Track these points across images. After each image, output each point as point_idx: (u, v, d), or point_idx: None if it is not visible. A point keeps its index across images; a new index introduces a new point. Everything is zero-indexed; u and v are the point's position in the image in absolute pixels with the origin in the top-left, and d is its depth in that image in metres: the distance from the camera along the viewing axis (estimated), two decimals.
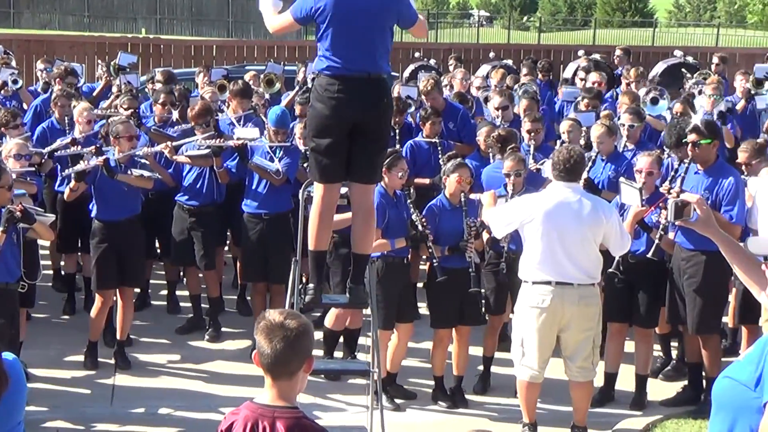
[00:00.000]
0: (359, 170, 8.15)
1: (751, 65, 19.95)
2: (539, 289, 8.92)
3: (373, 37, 7.98)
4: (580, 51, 24.95)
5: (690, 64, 22.59)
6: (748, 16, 79.52)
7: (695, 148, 9.84)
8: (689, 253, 9.72)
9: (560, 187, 8.95)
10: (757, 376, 4.53)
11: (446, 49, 27.83)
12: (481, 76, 19.61)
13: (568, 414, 9.52)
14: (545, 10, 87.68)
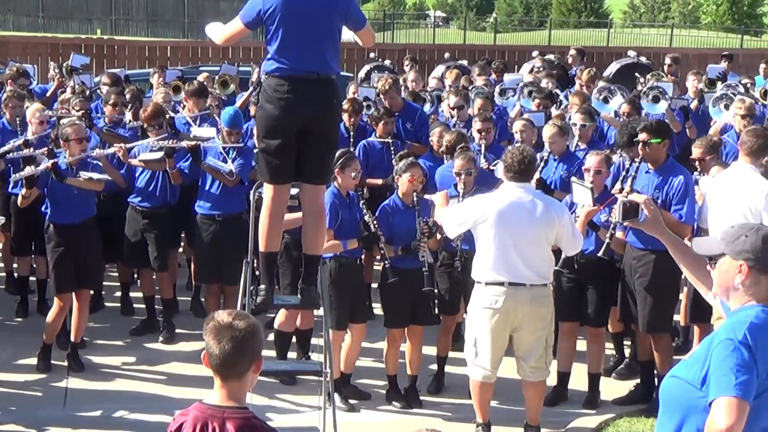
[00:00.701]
0: (309, 171, 8.17)
1: (704, 66, 20.17)
2: (492, 290, 8.94)
3: (322, 37, 8.00)
4: (535, 51, 25.06)
5: (643, 64, 22.71)
6: (702, 17, 79.98)
7: (646, 147, 9.90)
8: (640, 252, 9.79)
9: (513, 187, 8.97)
10: (703, 375, 4.57)
11: (401, 49, 27.95)
12: (436, 77, 19.66)
13: (521, 413, 9.55)
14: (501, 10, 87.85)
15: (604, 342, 10.57)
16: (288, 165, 8.09)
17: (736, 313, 4.73)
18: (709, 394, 4.51)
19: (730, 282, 4.78)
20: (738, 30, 57.06)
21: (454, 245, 10.27)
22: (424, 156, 12.25)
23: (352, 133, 13.21)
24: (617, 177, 10.37)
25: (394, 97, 13.83)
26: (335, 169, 9.99)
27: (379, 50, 26.53)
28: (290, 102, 7.91)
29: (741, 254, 4.74)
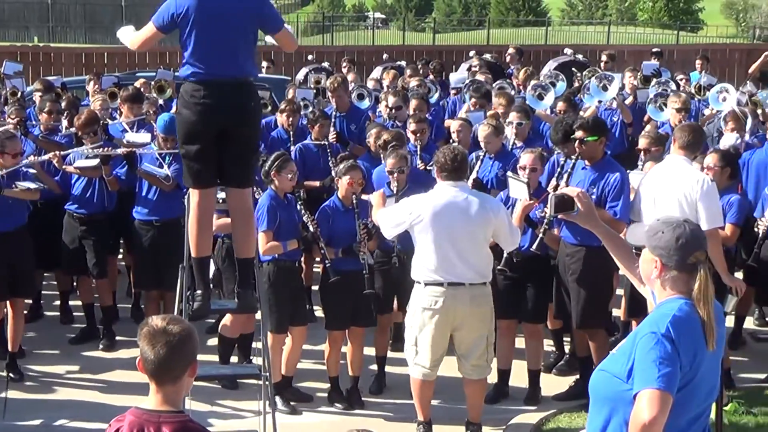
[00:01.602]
0: (231, 175, 8.18)
1: (640, 62, 20.34)
2: (431, 291, 8.95)
3: (236, 41, 8.00)
4: (472, 51, 25.15)
5: (580, 61, 22.88)
6: (639, 14, 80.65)
7: (582, 144, 9.97)
8: (573, 248, 9.84)
9: (447, 186, 8.99)
10: (629, 368, 4.63)
11: (339, 51, 27.94)
12: (374, 78, 19.70)
13: (462, 411, 9.57)
14: (440, 11, 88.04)
15: (543, 338, 10.64)
16: (210, 169, 8.10)
17: (660, 307, 4.80)
18: (634, 386, 4.56)
19: (650, 274, 4.86)
20: (674, 26, 57.63)
21: (391, 244, 10.27)
22: (361, 157, 12.27)
23: (292, 134, 13.22)
24: (552, 174, 10.43)
25: (342, 96, 13.89)
26: (271, 172, 10.01)
27: (317, 53, 26.58)
28: (207, 107, 7.91)
29: (656, 250, 4.83)
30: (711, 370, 4.79)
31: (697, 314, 4.69)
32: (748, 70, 21.90)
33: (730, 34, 62.38)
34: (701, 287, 4.72)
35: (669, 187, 9.31)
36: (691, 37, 57.66)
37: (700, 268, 4.77)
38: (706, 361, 4.71)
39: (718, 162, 10.34)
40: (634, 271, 5.26)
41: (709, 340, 4.68)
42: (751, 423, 9.52)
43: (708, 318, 4.68)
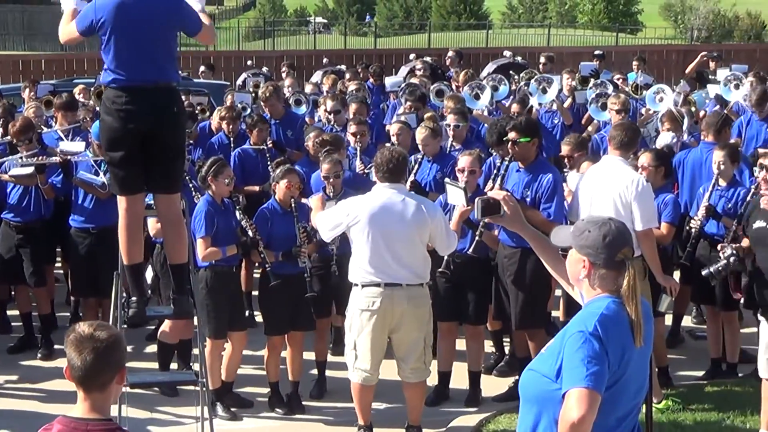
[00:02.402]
0: (157, 180, 8.15)
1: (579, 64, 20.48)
2: (368, 292, 8.96)
3: (156, 46, 7.96)
4: (412, 54, 25.23)
5: (519, 63, 23.01)
6: (579, 16, 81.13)
7: (515, 146, 10.00)
8: (511, 250, 9.86)
9: (384, 188, 9.01)
10: (557, 367, 4.65)
11: (279, 56, 27.89)
12: (312, 82, 19.71)
13: (403, 414, 9.59)
14: (382, 15, 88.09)
15: (483, 340, 10.66)
16: (135, 176, 8.06)
17: (588, 305, 4.83)
18: (563, 385, 4.58)
19: (578, 274, 4.87)
20: (613, 28, 58.00)
21: (330, 249, 10.27)
22: (300, 161, 12.27)
23: (232, 139, 13.21)
24: (489, 176, 10.46)
25: (275, 104, 13.87)
26: (208, 177, 9.98)
27: (257, 57, 26.57)
28: (129, 113, 7.87)
29: (583, 249, 4.85)
30: (639, 368, 4.81)
31: (625, 312, 4.72)
32: (684, 71, 22.12)
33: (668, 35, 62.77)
34: (629, 284, 4.75)
35: (604, 187, 9.38)
36: (630, 39, 58.08)
37: (627, 264, 4.79)
38: (635, 359, 4.73)
39: (652, 162, 10.40)
40: (562, 273, 5.27)
41: (637, 337, 4.70)
42: (689, 420, 9.58)
43: (636, 315, 4.71)
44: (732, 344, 10.85)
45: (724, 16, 75.92)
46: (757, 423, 9.38)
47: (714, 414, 9.67)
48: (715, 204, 10.58)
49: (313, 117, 15.62)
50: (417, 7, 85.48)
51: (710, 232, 10.64)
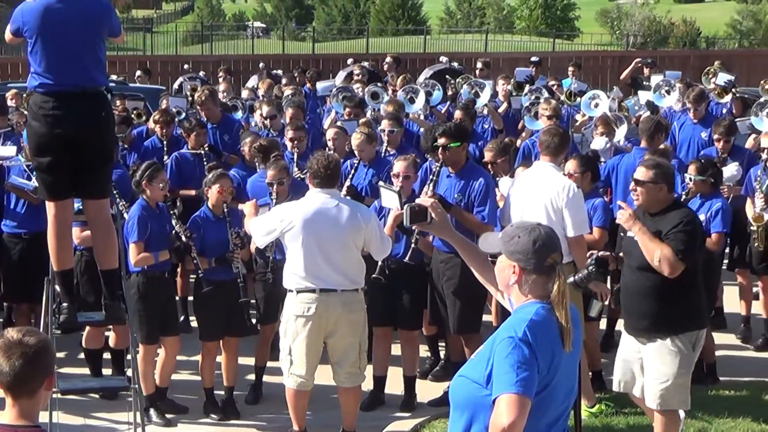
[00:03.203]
0: (86, 186, 8.11)
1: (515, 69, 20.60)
2: (303, 297, 8.96)
3: (83, 50, 7.92)
4: (350, 59, 25.28)
5: (455, 69, 23.09)
6: (517, 22, 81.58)
7: (445, 151, 10.04)
8: (447, 255, 9.88)
9: (318, 194, 9.01)
10: (488, 373, 4.66)
11: (216, 61, 27.84)
12: (248, 87, 19.68)
13: (338, 419, 9.57)
14: (320, 20, 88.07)
15: (418, 345, 10.68)
16: (63, 181, 8.02)
17: (517, 311, 4.84)
18: (492, 391, 4.60)
19: (507, 280, 4.89)
20: (551, 34, 58.31)
21: (268, 255, 10.25)
22: (236, 165, 12.25)
23: (165, 143, 13.15)
24: (425, 181, 10.48)
25: (211, 108, 13.83)
26: (143, 182, 9.93)
27: (194, 62, 26.49)
28: (56, 118, 7.83)
29: (513, 254, 4.86)
30: (568, 372, 4.84)
31: (554, 317, 4.74)
32: (619, 77, 22.31)
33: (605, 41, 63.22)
34: (559, 289, 4.77)
35: (536, 193, 9.45)
36: (567, 45, 58.49)
37: (557, 270, 4.82)
38: (564, 364, 4.76)
39: (578, 168, 10.45)
40: (491, 279, 5.28)
41: (566, 342, 4.73)
42: (622, 424, 9.66)
43: (565, 320, 4.73)
44: None
45: (660, 23, 76.58)
46: (689, 426, 9.47)
47: (646, 418, 9.71)
48: None
49: (249, 122, 15.59)
50: (356, 12, 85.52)
51: None
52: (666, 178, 8.27)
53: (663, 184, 8.23)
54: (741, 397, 10.38)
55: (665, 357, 8.17)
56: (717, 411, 9.82)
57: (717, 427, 9.51)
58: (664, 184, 8.25)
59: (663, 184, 8.23)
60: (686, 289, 8.16)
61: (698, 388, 10.45)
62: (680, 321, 8.20)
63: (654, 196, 8.23)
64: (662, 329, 8.20)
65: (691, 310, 8.25)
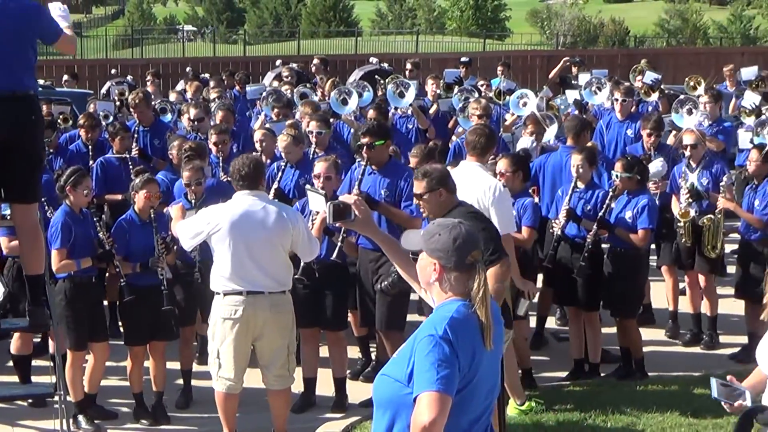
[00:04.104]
0: (13, 190, 7.98)
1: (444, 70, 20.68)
2: (231, 300, 8.92)
3: (12, 54, 7.77)
4: (278, 61, 25.25)
5: (385, 70, 23.13)
6: (448, 23, 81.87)
7: (370, 149, 10.05)
8: (375, 254, 9.88)
9: (244, 196, 8.97)
10: (409, 371, 4.66)
11: (144, 64, 27.69)
12: (177, 91, 19.60)
13: (269, 422, 9.52)
14: (252, 23, 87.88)
15: (345, 345, 10.64)
16: None
17: (438, 309, 4.83)
18: (414, 389, 4.59)
19: (429, 278, 4.88)
20: (481, 34, 58.59)
21: (192, 257, 10.19)
22: (165, 170, 12.18)
23: (91, 148, 13.05)
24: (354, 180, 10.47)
25: (144, 111, 13.76)
26: (67, 187, 9.84)
27: (122, 66, 26.31)
28: None
29: (434, 252, 4.85)
30: (490, 370, 4.85)
31: (475, 315, 4.75)
32: (548, 76, 22.44)
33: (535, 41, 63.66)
34: (479, 286, 4.78)
35: (463, 192, 9.42)
36: (498, 45, 58.81)
37: (477, 267, 4.82)
38: (485, 361, 4.76)
39: (509, 167, 10.51)
40: (414, 276, 5.28)
41: (487, 339, 4.74)
42: (551, 421, 9.71)
43: (486, 318, 4.74)
44: (593, 345, 11.02)
45: (590, 23, 77.27)
46: (618, 422, 9.57)
47: (576, 414, 9.82)
48: (574, 206, 10.75)
49: (177, 125, 15.51)
50: (287, 15, 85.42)
51: (571, 234, 10.82)
52: (440, 182, 8.19)
53: (441, 188, 8.18)
54: (669, 392, 10.47)
55: None
56: (646, 406, 9.92)
57: (646, 422, 9.60)
58: (442, 189, 8.20)
59: (441, 188, 8.18)
60: None
61: (627, 383, 10.65)
62: None
63: (435, 201, 8.22)
64: None
65: None
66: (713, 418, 9.63)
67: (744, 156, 13.52)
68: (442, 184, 8.15)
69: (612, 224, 10.73)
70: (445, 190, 8.16)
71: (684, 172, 11.93)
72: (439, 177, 8.18)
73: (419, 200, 8.24)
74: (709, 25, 79.46)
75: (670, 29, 78.50)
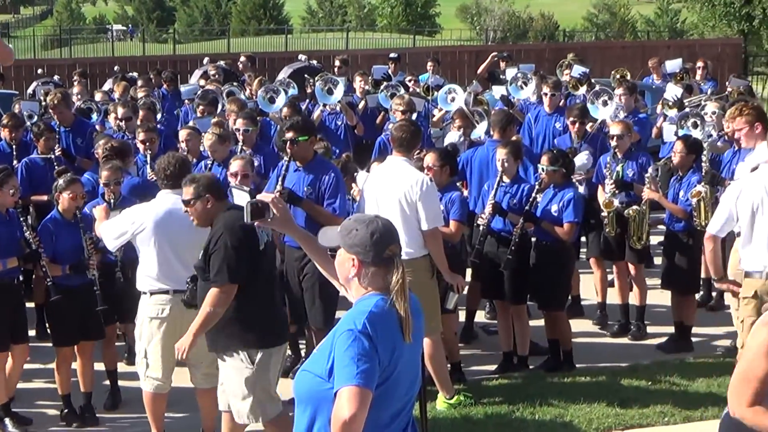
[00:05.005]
0: None
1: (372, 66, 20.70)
2: (157, 299, 8.87)
3: None
4: (206, 59, 25.16)
5: (314, 67, 23.08)
6: (378, 20, 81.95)
7: (293, 145, 10.05)
8: (300, 252, 9.84)
9: (169, 194, 8.92)
10: (329, 366, 4.66)
11: (72, 64, 27.46)
12: (104, 91, 19.47)
13: (198, 421, 9.48)
14: (182, 21, 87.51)
15: None
16: None
17: (357, 304, 4.83)
18: (334, 384, 4.60)
19: (347, 273, 4.89)
20: (411, 31, 58.71)
21: (113, 258, 10.11)
22: (91, 169, 12.10)
23: (15, 149, 12.93)
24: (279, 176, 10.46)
25: (63, 111, 13.65)
26: None
27: (49, 66, 26.08)
28: None
29: (352, 248, 4.85)
30: (410, 363, 4.86)
31: (394, 309, 4.76)
32: (477, 71, 22.52)
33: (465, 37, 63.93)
34: (398, 280, 4.79)
35: (389, 187, 9.49)
36: (428, 41, 58.95)
37: (396, 261, 4.84)
38: (405, 355, 4.77)
39: (437, 161, 10.53)
40: (334, 273, 5.26)
41: (406, 332, 4.75)
42: (480, 414, 9.75)
43: (404, 311, 4.75)
44: (522, 337, 11.08)
45: (519, 18, 77.71)
46: (546, 413, 9.63)
47: (504, 407, 9.86)
48: (500, 200, 10.80)
49: (104, 125, 15.40)
50: (217, 13, 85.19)
51: (497, 228, 10.87)
52: (207, 189, 8.23)
53: (208, 195, 8.22)
54: (597, 383, 10.55)
55: None
56: (573, 397, 10.00)
57: (573, 413, 9.67)
58: (209, 195, 8.22)
59: (208, 195, 8.22)
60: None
61: (555, 375, 10.72)
62: None
63: (202, 208, 8.27)
64: None
65: None
66: (640, 408, 9.76)
67: (668, 148, 13.65)
68: (209, 190, 8.21)
69: (538, 218, 10.79)
70: (213, 197, 8.23)
71: (609, 163, 12.03)
72: (206, 184, 8.25)
73: (187, 206, 8.25)
74: (637, 19, 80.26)
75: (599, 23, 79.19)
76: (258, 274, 8.12)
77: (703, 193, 11.27)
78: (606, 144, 12.90)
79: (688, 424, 9.62)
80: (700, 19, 52.89)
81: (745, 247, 8.93)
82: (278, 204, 5.72)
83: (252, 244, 8.09)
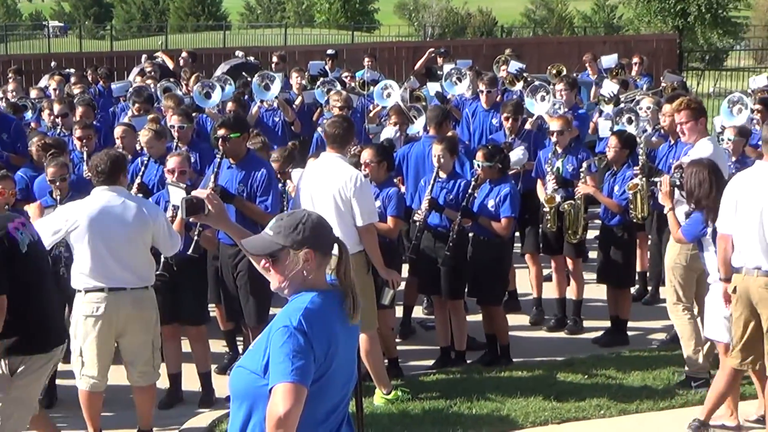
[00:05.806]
0: None
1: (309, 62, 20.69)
2: (92, 297, 8.80)
3: None
4: (143, 56, 25.04)
5: (251, 63, 23.05)
6: (317, 16, 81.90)
7: (225, 142, 10.02)
8: (235, 248, 9.82)
9: (103, 191, 8.85)
10: (265, 363, 4.65)
11: (7, 61, 27.25)
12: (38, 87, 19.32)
13: (134, 419, 9.44)
14: (120, 18, 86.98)
15: (206, 340, 10.53)
16: None
17: (293, 300, 4.81)
18: (270, 380, 4.59)
19: (302, 271, 4.83)
20: (350, 27, 58.70)
21: (57, 253, 10.03)
22: (24, 166, 11.98)
23: None
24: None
25: None
26: None
27: None
28: None
29: (304, 243, 4.80)
30: (346, 360, 4.86)
31: (330, 304, 4.76)
32: (414, 67, 22.57)
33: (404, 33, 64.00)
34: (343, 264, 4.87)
35: (323, 184, 9.49)
36: (367, 37, 58.96)
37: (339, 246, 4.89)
38: (341, 351, 4.77)
39: (374, 157, 10.55)
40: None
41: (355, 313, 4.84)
42: (417, 409, 9.76)
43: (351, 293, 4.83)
44: (459, 332, 11.12)
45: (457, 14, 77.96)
46: (483, 408, 9.68)
47: (442, 402, 9.89)
48: (436, 196, 10.82)
49: (39, 121, 15.26)
50: (155, 9, 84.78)
51: (433, 223, 10.89)
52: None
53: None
54: (534, 377, 10.62)
55: None
56: (510, 391, 10.04)
57: (510, 407, 9.71)
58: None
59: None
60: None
61: (492, 369, 10.77)
62: None
63: None
64: None
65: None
66: (576, 402, 9.82)
67: (604, 143, 13.75)
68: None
69: (475, 213, 10.82)
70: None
71: (550, 158, 12.09)
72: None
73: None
74: (574, 15, 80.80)
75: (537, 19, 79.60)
76: (23, 278, 7.80)
77: (640, 185, 11.36)
78: (540, 139, 12.98)
79: (624, 416, 9.70)
80: (636, 15, 53.48)
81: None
82: (213, 200, 5.71)
83: (10, 252, 7.75)
